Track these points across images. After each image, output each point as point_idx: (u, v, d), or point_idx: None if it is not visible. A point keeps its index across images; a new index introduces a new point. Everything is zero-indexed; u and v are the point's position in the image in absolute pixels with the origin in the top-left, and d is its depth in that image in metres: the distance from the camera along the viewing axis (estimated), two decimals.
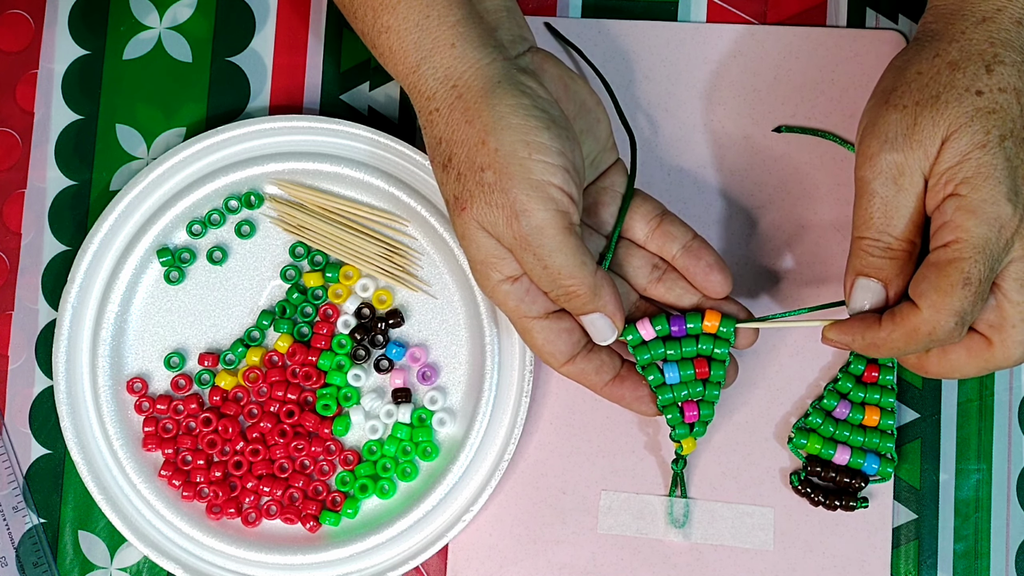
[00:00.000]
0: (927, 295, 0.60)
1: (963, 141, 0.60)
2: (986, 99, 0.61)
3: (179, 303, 0.77)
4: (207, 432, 0.76)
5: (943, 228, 0.61)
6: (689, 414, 0.70)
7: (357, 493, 0.75)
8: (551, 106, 0.64)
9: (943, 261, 0.60)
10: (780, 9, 0.78)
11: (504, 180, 0.62)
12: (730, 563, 0.74)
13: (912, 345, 0.62)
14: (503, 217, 0.62)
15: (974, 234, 0.59)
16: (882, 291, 0.63)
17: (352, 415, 0.76)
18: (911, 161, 0.61)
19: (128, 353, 0.77)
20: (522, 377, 0.74)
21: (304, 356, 0.76)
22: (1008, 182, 0.60)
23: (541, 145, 0.62)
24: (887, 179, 0.62)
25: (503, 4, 0.69)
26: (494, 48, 0.65)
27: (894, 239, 0.63)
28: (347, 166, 0.76)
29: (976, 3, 0.63)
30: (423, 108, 0.65)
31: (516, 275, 0.65)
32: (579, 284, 0.64)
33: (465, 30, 0.64)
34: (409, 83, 0.65)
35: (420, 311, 0.77)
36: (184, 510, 0.75)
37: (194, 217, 0.77)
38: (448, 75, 0.64)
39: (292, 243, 0.77)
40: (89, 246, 0.76)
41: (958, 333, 0.61)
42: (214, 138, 0.76)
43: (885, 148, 0.62)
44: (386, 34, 0.65)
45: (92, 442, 0.75)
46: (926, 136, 0.61)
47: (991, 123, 0.60)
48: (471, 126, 0.63)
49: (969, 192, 0.60)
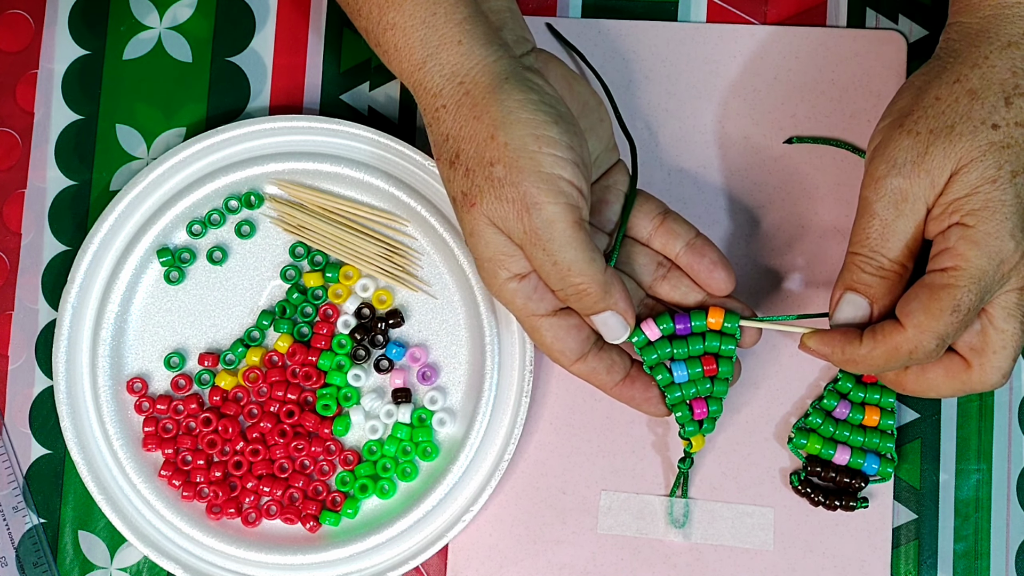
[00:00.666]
0: (914, 315, 0.61)
1: (974, 175, 0.60)
2: (1002, 133, 0.60)
3: (179, 303, 0.77)
4: (207, 432, 0.75)
5: (944, 254, 0.61)
6: (698, 411, 0.70)
7: (357, 493, 0.75)
8: (558, 103, 0.65)
9: (937, 285, 0.60)
10: (780, 9, 0.78)
11: (514, 174, 0.62)
12: (730, 563, 0.74)
13: (891, 363, 0.62)
14: (514, 211, 0.62)
15: (973, 264, 0.60)
16: (868, 308, 0.64)
17: (352, 415, 0.76)
18: (916, 189, 0.61)
19: (128, 353, 0.77)
20: (522, 377, 0.74)
21: (304, 356, 0.76)
22: (1015, 218, 0.60)
23: (551, 139, 0.62)
24: (889, 203, 0.62)
25: (506, 5, 0.69)
26: (500, 46, 0.65)
27: (887, 260, 0.63)
28: (347, 166, 0.76)
29: (1003, 24, 0.63)
30: (429, 105, 0.65)
31: (524, 272, 0.65)
32: (590, 281, 0.64)
33: (471, 27, 0.64)
34: (414, 80, 0.65)
35: (420, 311, 0.77)
36: (184, 510, 0.75)
37: (194, 217, 0.77)
38: (455, 72, 0.64)
39: (292, 243, 0.77)
40: (89, 246, 0.76)
41: (937, 354, 0.62)
42: (214, 138, 0.76)
43: (892, 172, 0.62)
44: (391, 31, 0.65)
45: (92, 442, 0.75)
46: (935, 166, 0.61)
47: (1004, 158, 0.60)
48: (479, 122, 0.63)
49: (975, 223, 0.60)
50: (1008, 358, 0.62)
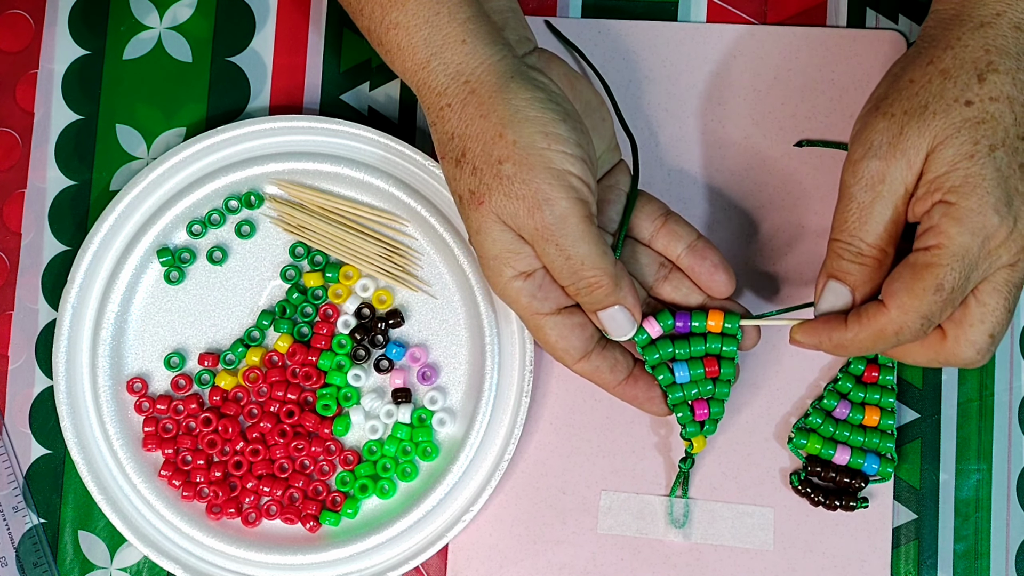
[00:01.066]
0: (898, 295, 0.60)
1: (949, 152, 0.60)
2: (975, 109, 0.60)
3: (179, 303, 0.77)
4: (207, 432, 0.75)
5: (927, 232, 0.60)
6: (700, 412, 0.70)
7: (357, 493, 0.75)
8: (564, 100, 0.65)
9: (920, 264, 0.60)
10: (780, 9, 0.78)
11: (524, 171, 0.62)
12: (730, 563, 0.74)
13: (879, 344, 0.62)
14: (524, 207, 0.62)
15: (956, 242, 0.59)
16: (849, 296, 0.64)
17: (352, 415, 0.76)
18: (893, 170, 0.61)
19: (128, 353, 0.77)
20: (522, 377, 0.74)
21: (304, 356, 0.76)
22: (997, 192, 0.59)
23: (559, 136, 0.63)
24: (866, 185, 0.62)
25: (508, 5, 0.69)
26: (504, 46, 0.65)
27: (866, 245, 0.62)
28: (347, 166, 0.76)
29: (976, 7, 0.63)
30: (433, 104, 0.65)
31: (529, 271, 0.65)
32: (602, 274, 0.64)
33: (475, 27, 0.64)
34: (418, 80, 0.65)
35: (420, 311, 0.77)
36: (184, 510, 0.75)
37: (194, 217, 0.77)
38: (460, 71, 0.64)
39: (292, 243, 0.77)
40: (89, 246, 0.76)
41: (922, 333, 0.61)
42: (214, 138, 0.76)
43: (868, 155, 0.62)
44: (395, 30, 0.65)
45: (92, 442, 0.75)
46: (911, 146, 0.61)
47: (980, 133, 0.60)
48: (486, 120, 0.63)
49: (957, 200, 0.59)
50: (984, 333, 0.61)
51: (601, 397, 0.75)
